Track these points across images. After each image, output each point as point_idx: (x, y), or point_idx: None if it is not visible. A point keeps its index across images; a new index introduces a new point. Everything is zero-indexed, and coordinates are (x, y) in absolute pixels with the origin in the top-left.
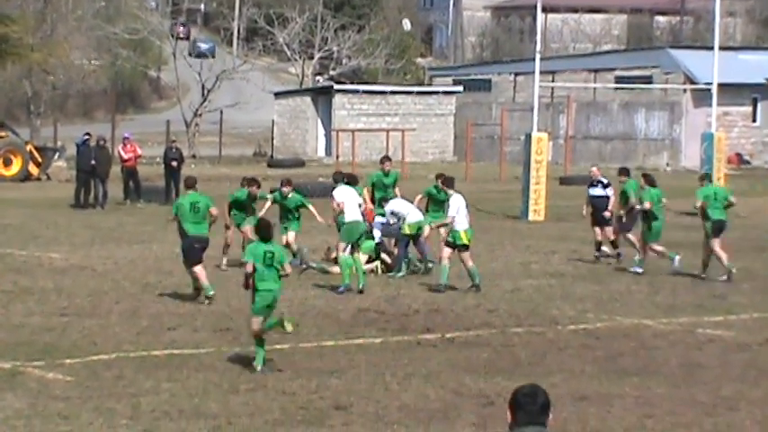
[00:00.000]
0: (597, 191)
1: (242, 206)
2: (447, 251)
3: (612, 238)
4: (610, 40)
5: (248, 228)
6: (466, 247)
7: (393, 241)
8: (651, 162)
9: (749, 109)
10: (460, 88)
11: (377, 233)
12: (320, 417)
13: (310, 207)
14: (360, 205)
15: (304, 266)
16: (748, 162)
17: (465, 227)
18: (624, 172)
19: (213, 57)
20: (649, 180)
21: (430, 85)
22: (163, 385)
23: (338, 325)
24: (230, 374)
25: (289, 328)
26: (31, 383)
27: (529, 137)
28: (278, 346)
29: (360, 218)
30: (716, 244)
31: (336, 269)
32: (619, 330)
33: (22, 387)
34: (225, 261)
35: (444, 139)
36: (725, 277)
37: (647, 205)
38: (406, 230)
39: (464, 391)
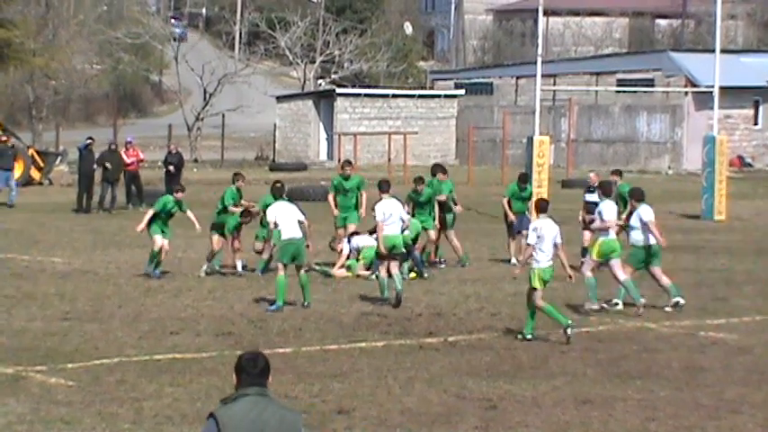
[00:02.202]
0: (594, 197)
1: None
2: (382, 262)
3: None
4: (611, 43)
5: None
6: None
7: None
8: (653, 165)
9: (751, 112)
10: (462, 92)
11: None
12: (323, 421)
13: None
14: (300, 222)
15: (307, 268)
16: (750, 165)
17: (390, 233)
18: (617, 173)
19: (184, 40)
20: (442, 170)
21: (432, 88)
22: (165, 390)
23: (341, 329)
24: (233, 379)
25: None
26: (34, 388)
27: (531, 140)
28: (280, 350)
29: (297, 235)
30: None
31: (339, 273)
32: (621, 333)
33: (25, 392)
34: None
35: (446, 143)
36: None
37: (442, 197)
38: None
39: (466, 395)
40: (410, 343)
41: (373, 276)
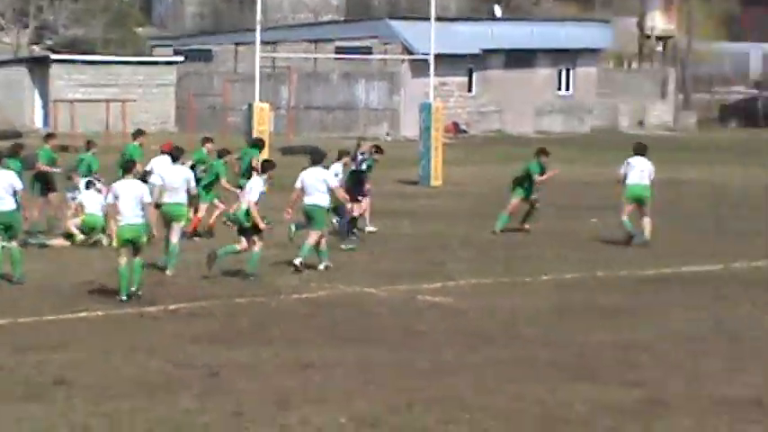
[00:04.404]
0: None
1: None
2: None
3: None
4: (329, 10)
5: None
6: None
7: None
8: (371, 131)
9: (465, 79)
10: (181, 58)
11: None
12: (41, 392)
13: None
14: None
15: (21, 242)
16: (465, 131)
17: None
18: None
19: None
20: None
21: (150, 55)
22: None
23: (60, 299)
24: None
25: None
26: None
27: (251, 107)
28: None
29: (8, 207)
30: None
31: (57, 242)
32: (341, 298)
33: None
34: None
35: (166, 110)
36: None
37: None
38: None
39: (188, 363)
40: (131, 312)
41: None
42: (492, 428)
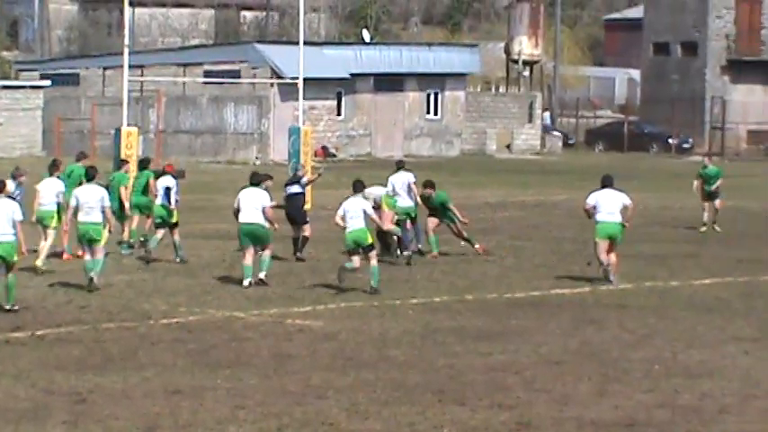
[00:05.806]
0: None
1: None
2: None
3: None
4: (198, 34)
5: None
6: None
7: None
8: (241, 156)
9: (334, 103)
10: (48, 82)
11: None
12: None
13: None
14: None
15: None
16: (334, 155)
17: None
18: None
19: None
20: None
21: (16, 79)
22: None
23: None
24: None
25: None
26: None
27: (119, 131)
28: None
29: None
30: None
31: None
32: (211, 323)
33: None
34: None
35: (32, 134)
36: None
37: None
38: None
39: (55, 389)
40: None
41: None
42: None
